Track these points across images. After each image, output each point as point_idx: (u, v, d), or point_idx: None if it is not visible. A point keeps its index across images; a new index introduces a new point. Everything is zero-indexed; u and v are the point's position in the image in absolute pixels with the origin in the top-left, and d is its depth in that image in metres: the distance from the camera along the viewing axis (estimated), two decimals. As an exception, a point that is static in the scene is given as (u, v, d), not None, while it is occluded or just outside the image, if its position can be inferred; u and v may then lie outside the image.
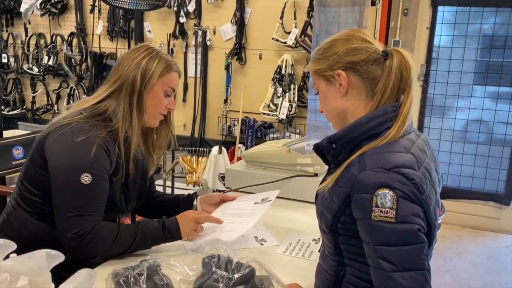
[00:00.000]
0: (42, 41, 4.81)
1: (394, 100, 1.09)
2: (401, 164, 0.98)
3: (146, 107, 1.42)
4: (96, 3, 4.52)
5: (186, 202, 1.65)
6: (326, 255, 1.19)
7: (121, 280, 0.98)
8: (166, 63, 1.43)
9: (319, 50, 1.17)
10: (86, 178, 1.29)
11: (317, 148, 1.15)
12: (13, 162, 2.77)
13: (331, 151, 1.11)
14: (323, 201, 1.13)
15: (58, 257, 0.83)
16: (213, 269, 1.02)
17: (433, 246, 1.09)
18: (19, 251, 0.84)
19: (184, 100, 4.49)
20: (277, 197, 1.98)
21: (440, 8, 3.84)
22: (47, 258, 0.81)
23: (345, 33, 1.16)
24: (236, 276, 1.00)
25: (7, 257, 0.82)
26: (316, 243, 1.54)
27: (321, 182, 1.18)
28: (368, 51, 1.10)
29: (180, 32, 4.32)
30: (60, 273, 0.94)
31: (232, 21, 4.13)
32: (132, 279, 0.98)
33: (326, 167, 2.04)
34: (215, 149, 3.73)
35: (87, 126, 1.35)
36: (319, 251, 1.42)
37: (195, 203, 1.64)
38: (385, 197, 0.94)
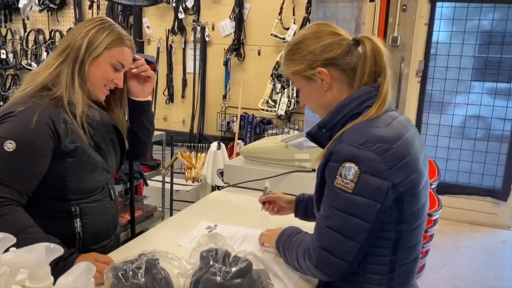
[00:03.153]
0: (40, 37, 4.80)
1: (372, 83, 1.15)
2: (374, 139, 1.04)
3: (88, 77, 1.37)
4: (95, -1, 4.52)
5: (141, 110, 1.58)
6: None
7: (119, 273, 0.99)
8: (117, 36, 1.39)
9: (291, 50, 1.21)
10: (9, 146, 1.21)
11: (310, 135, 1.21)
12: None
13: (322, 136, 1.18)
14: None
15: (57, 250, 0.84)
16: (211, 262, 1.04)
17: (423, 212, 1.15)
18: None
19: (183, 96, 4.50)
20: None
21: (438, 4, 3.85)
22: (46, 252, 0.82)
23: (313, 29, 1.19)
24: (234, 269, 1.01)
25: (6, 250, 0.83)
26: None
27: None
28: (341, 44, 1.15)
29: (179, 28, 4.31)
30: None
31: (231, 17, 4.13)
32: (130, 273, 0.99)
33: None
34: (214, 145, 3.74)
35: (25, 99, 1.30)
36: None
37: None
38: (350, 170, 1.03)
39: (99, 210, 1.45)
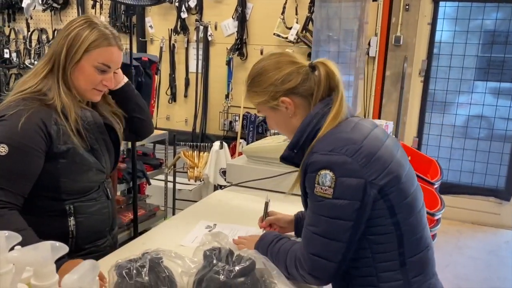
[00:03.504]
0: (44, 36, 4.82)
1: (326, 97, 1.21)
2: (342, 143, 1.11)
3: (74, 83, 1.34)
4: (98, -2, 4.53)
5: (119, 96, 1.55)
6: None
7: (123, 272, 1.00)
8: (99, 36, 1.32)
9: (252, 83, 1.26)
10: (1, 149, 1.21)
11: (284, 159, 1.26)
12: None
13: (295, 156, 1.23)
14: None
15: (62, 249, 0.85)
16: (214, 261, 1.04)
17: (416, 201, 1.17)
18: None
19: (185, 96, 4.51)
20: (277, 191, 2.00)
21: (441, 3, 3.84)
22: (51, 250, 0.82)
23: (272, 60, 1.24)
24: (237, 268, 1.02)
25: (12, 248, 0.84)
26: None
27: None
28: (300, 73, 1.21)
29: (182, 28, 4.32)
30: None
31: (234, 17, 4.13)
32: (134, 271, 0.99)
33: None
34: (216, 144, 3.74)
35: (17, 102, 1.29)
36: None
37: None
38: (326, 177, 1.09)
39: (94, 209, 1.43)
